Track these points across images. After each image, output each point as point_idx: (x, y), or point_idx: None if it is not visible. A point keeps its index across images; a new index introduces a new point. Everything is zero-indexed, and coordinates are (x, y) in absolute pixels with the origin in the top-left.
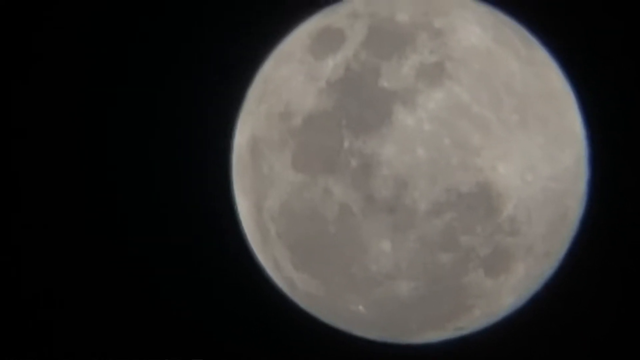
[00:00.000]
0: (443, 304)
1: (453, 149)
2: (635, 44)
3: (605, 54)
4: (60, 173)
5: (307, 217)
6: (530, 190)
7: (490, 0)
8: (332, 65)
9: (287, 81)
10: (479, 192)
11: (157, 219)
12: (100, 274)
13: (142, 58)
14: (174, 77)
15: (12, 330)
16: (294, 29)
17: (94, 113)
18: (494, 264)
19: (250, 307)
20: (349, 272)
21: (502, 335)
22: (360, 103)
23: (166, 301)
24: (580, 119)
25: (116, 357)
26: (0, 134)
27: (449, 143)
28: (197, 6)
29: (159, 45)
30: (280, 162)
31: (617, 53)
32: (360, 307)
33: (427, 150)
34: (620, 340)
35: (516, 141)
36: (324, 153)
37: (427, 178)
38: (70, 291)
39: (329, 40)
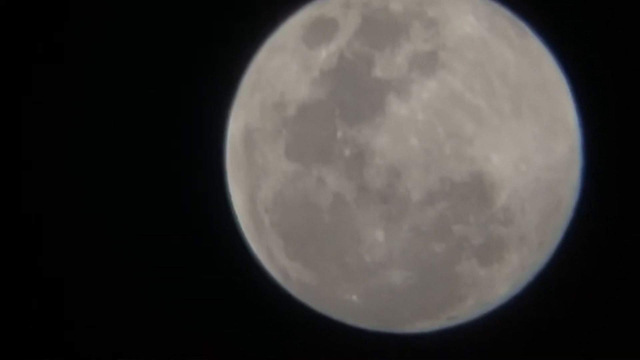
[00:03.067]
0: (436, 293)
1: (447, 138)
2: (629, 34)
3: (599, 44)
4: (52, 164)
5: (300, 206)
6: (524, 179)
7: None
8: (325, 55)
9: (281, 71)
10: (472, 182)
11: (150, 210)
12: (92, 266)
13: (134, 50)
14: (166, 69)
15: (12, 329)
16: (286, 18)
17: (85, 107)
18: (487, 253)
19: (243, 297)
20: (342, 262)
21: (496, 325)
22: (354, 93)
23: (160, 291)
24: (574, 108)
25: (109, 343)
26: None
27: (442, 133)
28: None
29: (150, 36)
30: (274, 152)
31: (611, 43)
32: (354, 297)
33: (420, 140)
34: (614, 330)
35: (510, 131)
36: (317, 143)
37: (420, 168)
38: (65, 280)
39: (322, 30)
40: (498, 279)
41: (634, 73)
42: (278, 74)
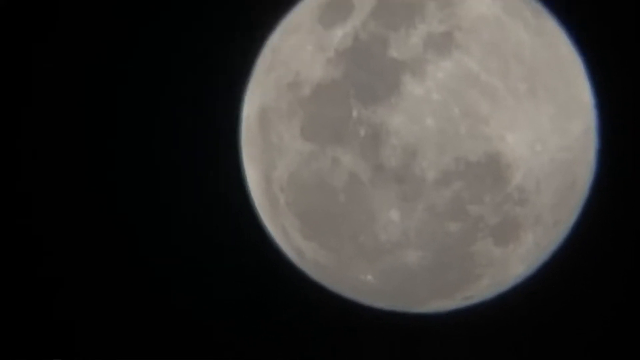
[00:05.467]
0: (451, 273)
1: (462, 118)
2: None
3: (614, 24)
4: (62, 147)
5: (316, 186)
6: (539, 159)
7: None
8: (340, 35)
9: (296, 51)
10: (487, 162)
11: (166, 190)
12: (104, 254)
13: (150, 30)
14: (182, 48)
15: (12, 329)
16: None
17: (101, 88)
18: (502, 233)
19: (259, 277)
20: (357, 242)
21: (511, 304)
22: (369, 73)
23: (175, 271)
24: (589, 88)
25: (119, 326)
26: None
27: (457, 113)
28: None
29: (167, 16)
30: (289, 132)
31: (626, 23)
32: (369, 276)
33: (435, 120)
34: (628, 309)
35: (525, 111)
36: (332, 123)
37: (435, 147)
38: (71, 267)
39: (338, 10)
40: (513, 259)
41: None
42: (293, 54)
